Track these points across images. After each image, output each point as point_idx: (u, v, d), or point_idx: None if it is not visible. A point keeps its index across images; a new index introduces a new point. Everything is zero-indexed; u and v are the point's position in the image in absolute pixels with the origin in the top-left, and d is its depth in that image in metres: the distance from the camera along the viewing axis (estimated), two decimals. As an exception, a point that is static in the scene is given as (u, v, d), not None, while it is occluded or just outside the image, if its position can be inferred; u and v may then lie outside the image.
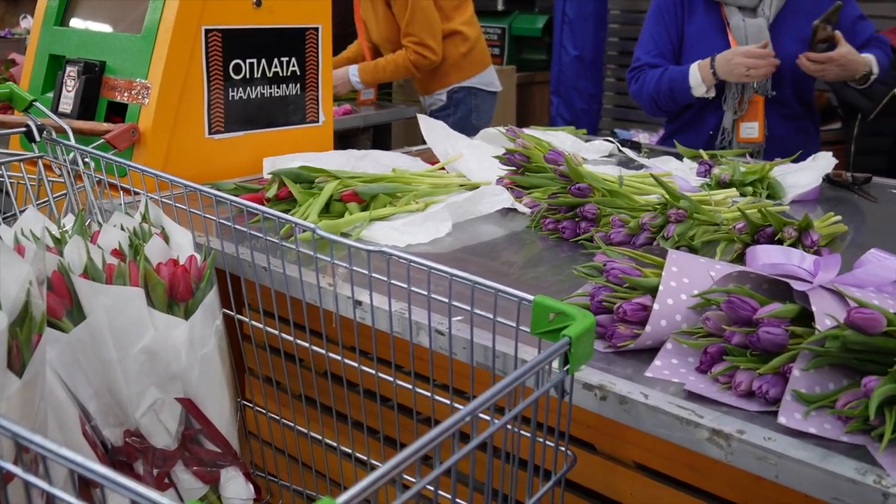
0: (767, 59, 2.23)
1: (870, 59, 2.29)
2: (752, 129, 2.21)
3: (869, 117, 3.88)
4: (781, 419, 0.87)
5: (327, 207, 1.57)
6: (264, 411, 1.36)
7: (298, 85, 2.09)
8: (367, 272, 1.10)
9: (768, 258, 1.12)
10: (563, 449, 0.95)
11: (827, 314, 0.89)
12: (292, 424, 1.33)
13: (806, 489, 0.83)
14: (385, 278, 1.08)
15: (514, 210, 1.67)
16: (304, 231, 1.14)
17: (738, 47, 2.28)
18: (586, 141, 2.24)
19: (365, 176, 1.68)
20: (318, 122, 2.15)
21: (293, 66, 2.07)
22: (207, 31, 1.87)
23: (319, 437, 1.29)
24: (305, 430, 1.30)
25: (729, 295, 0.97)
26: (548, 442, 0.93)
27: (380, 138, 4.02)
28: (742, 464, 0.87)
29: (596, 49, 4.99)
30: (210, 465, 1.22)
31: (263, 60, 2.00)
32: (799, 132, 2.29)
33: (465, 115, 3.59)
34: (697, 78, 2.32)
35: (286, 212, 1.52)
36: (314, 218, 1.49)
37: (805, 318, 0.94)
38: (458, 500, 0.85)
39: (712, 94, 2.34)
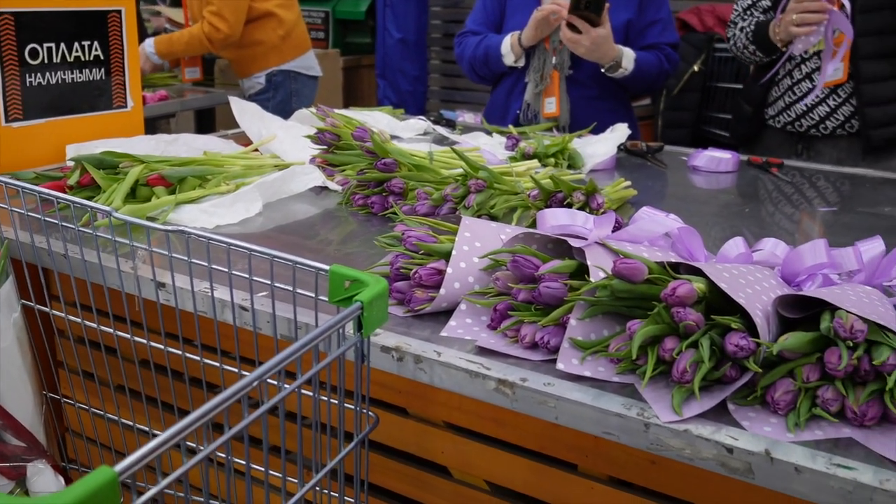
0: (554, 7, 2.28)
1: (625, 53, 2.35)
2: (551, 104, 2.31)
3: (672, 93, 4.17)
4: (560, 365, 0.94)
5: (134, 193, 1.54)
6: (72, 401, 1.33)
7: (103, 70, 2.01)
8: (167, 253, 1.09)
9: (556, 220, 1.19)
10: (365, 411, 0.98)
11: (598, 266, 0.97)
12: (102, 413, 1.30)
13: (581, 427, 0.90)
14: (185, 258, 1.08)
15: (327, 188, 1.70)
16: (105, 217, 1.12)
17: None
18: (402, 120, 2.29)
19: (174, 159, 1.65)
20: (126, 107, 2.08)
21: (96, 50, 1.99)
22: (-3, 14, 1.78)
23: (131, 424, 1.27)
24: (116, 417, 1.28)
25: (514, 255, 1.03)
26: (351, 405, 0.97)
27: (205, 123, 3.94)
28: (526, 409, 0.93)
29: (419, 31, 5.05)
30: (15, 460, 1.19)
31: (63, 45, 1.92)
32: (603, 113, 2.39)
33: (285, 98, 3.56)
34: (507, 46, 2.42)
35: (90, 199, 1.48)
36: (118, 203, 1.46)
37: (583, 272, 1.02)
38: (252, 465, 0.87)
39: (521, 63, 2.44)
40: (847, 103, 2.29)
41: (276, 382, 0.87)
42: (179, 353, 1.15)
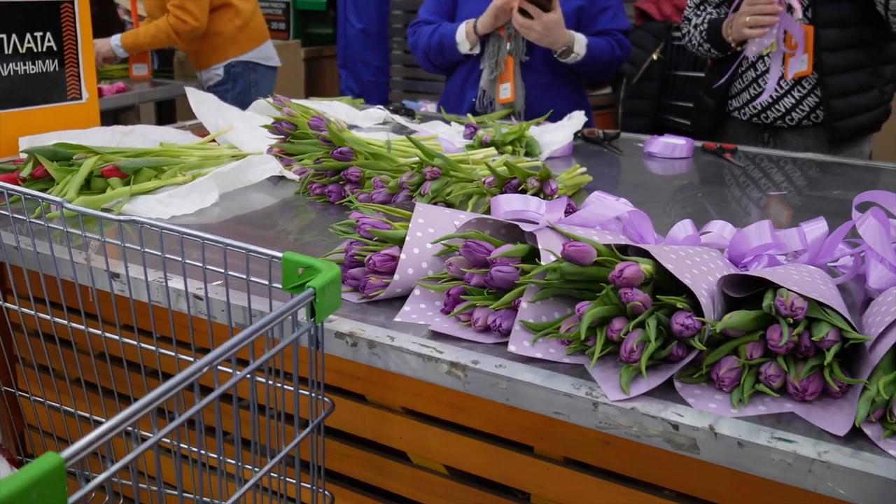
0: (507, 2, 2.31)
1: (577, 39, 2.37)
2: (506, 90, 2.33)
3: (632, 81, 4.20)
4: (511, 347, 0.95)
5: (88, 185, 1.52)
6: (28, 395, 1.32)
7: (56, 61, 1.99)
8: (120, 243, 1.09)
9: (509, 206, 1.21)
10: (320, 397, 0.99)
11: (548, 250, 0.98)
12: (59, 406, 1.29)
13: (533, 407, 0.92)
14: (138, 247, 1.08)
15: (284, 178, 1.70)
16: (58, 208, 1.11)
17: None
18: (361, 110, 2.29)
19: (129, 151, 1.64)
20: (81, 99, 2.06)
21: (49, 41, 1.97)
22: (-56, 5, 1.75)
23: (87, 416, 1.27)
24: (73, 410, 1.28)
25: (466, 240, 1.04)
26: (307, 392, 0.97)
27: (166, 116, 3.90)
28: (478, 391, 0.95)
29: (380, 21, 5.04)
30: (-32, 454, 1.18)
31: (15, 36, 1.90)
32: (557, 99, 2.42)
33: (245, 90, 3.54)
34: (462, 34, 2.44)
35: (44, 191, 1.47)
36: (72, 195, 1.45)
37: (535, 256, 1.03)
38: (210, 454, 0.88)
39: (477, 50, 2.45)
40: (812, 94, 2.27)
41: (229, 370, 0.87)
42: (135, 343, 1.15)
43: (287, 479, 1.07)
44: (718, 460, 0.83)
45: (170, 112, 3.94)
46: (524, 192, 1.38)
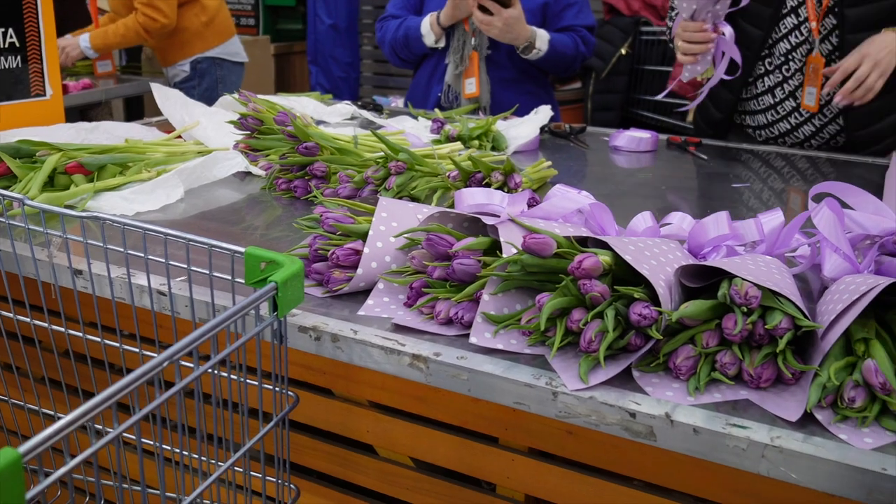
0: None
1: (538, 35, 2.38)
2: (471, 85, 2.34)
3: (601, 76, 4.23)
4: (473, 339, 0.96)
5: (52, 182, 1.51)
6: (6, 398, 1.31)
7: (19, 57, 1.97)
8: (83, 240, 1.08)
9: (473, 200, 1.22)
10: (284, 391, 0.99)
11: (509, 242, 0.99)
12: (22, 404, 1.28)
13: (494, 398, 0.93)
14: (101, 244, 1.07)
15: (250, 173, 1.69)
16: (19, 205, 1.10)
17: None
18: (329, 105, 2.29)
19: (93, 147, 1.63)
20: (44, 95, 2.04)
21: (11, 37, 1.95)
22: None
23: (52, 414, 1.26)
24: (36, 408, 1.27)
25: (429, 233, 1.05)
26: (272, 386, 0.98)
27: (135, 112, 3.88)
28: (440, 383, 0.95)
29: (350, 17, 5.03)
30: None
31: (-24, 32, 1.88)
32: (522, 95, 2.43)
33: (212, 86, 3.53)
34: (427, 26, 2.45)
35: (6, 188, 1.46)
36: (35, 192, 1.44)
37: (496, 249, 1.04)
38: (165, 447, 0.88)
39: (442, 44, 2.46)
40: (833, 122, 2.09)
41: (191, 365, 0.87)
42: (99, 340, 1.14)
43: (252, 473, 1.07)
44: (675, 447, 0.85)
45: (138, 108, 3.92)
46: (488, 185, 1.39)
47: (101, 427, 1.25)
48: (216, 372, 0.94)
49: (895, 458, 0.78)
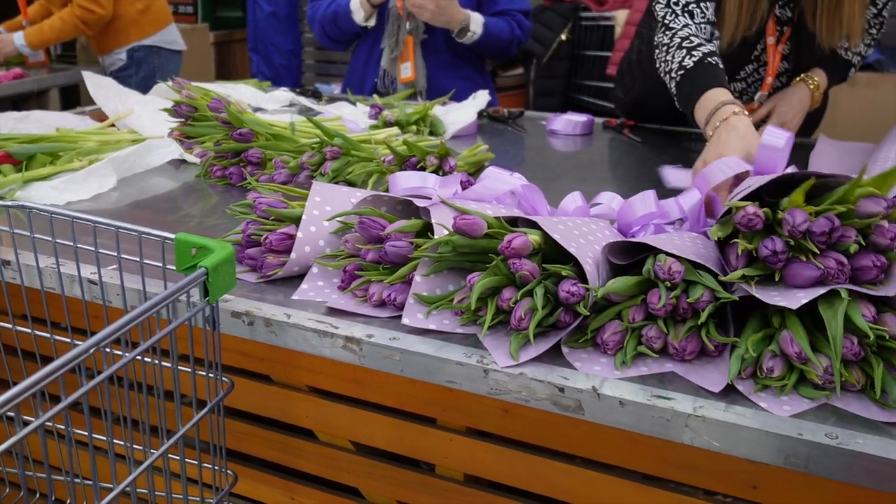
0: None
1: (472, 18, 2.39)
2: (406, 70, 2.34)
3: (542, 61, 4.26)
4: (405, 320, 0.97)
5: (-21, 172, 1.48)
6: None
7: (-56, 46, 1.92)
8: (9, 230, 1.07)
9: (407, 183, 1.22)
10: (218, 377, 0.99)
11: (440, 224, 1.00)
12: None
13: (427, 377, 0.94)
14: (28, 233, 1.06)
15: (185, 161, 1.68)
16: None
17: None
18: (267, 92, 2.27)
19: (22, 136, 1.60)
20: (-28, 85, 2.00)
21: (-65, 25, 1.90)
22: None
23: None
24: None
25: (361, 217, 1.05)
26: (206, 373, 0.97)
27: (71, 101, 3.79)
28: (373, 364, 0.96)
29: (290, 4, 4.98)
30: None
31: None
32: (458, 80, 2.44)
33: (149, 74, 3.47)
34: (356, 2, 2.44)
35: (-69, 180, 1.42)
36: (-39, 183, 1.41)
37: (429, 231, 1.05)
38: (94, 435, 0.87)
39: (372, 22, 2.45)
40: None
41: (121, 353, 0.87)
42: (29, 332, 1.13)
43: (188, 460, 1.06)
44: (603, 420, 0.87)
45: (74, 98, 3.83)
46: (423, 169, 1.40)
47: (31, 419, 1.23)
48: (149, 360, 0.93)
49: (810, 424, 0.81)
